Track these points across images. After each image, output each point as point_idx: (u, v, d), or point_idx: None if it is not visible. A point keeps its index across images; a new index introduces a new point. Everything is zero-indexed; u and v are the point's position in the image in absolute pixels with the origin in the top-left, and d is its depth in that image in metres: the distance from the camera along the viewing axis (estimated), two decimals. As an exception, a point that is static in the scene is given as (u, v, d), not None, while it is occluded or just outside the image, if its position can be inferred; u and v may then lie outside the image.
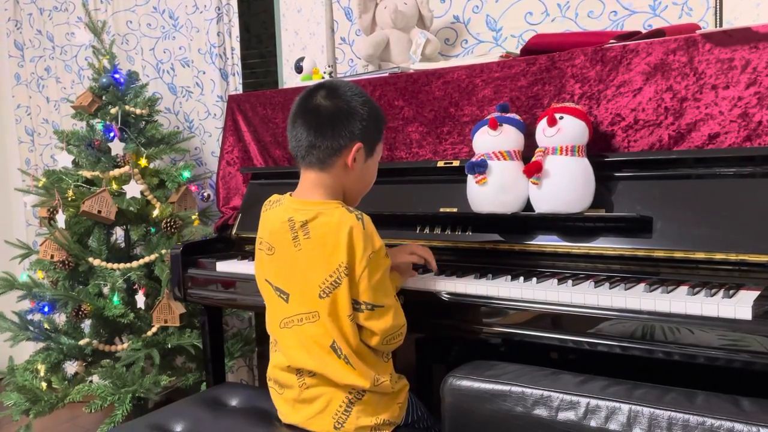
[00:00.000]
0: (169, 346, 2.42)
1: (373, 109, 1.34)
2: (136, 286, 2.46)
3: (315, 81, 2.08)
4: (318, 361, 1.27)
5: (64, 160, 2.46)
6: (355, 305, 1.26)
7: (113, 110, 2.50)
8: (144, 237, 2.53)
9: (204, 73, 2.84)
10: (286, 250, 1.30)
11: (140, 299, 2.41)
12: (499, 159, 1.48)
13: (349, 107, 1.29)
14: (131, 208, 2.42)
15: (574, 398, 1.09)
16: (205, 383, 2.20)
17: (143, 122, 2.61)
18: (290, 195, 1.35)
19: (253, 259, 1.83)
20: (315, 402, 1.29)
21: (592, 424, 1.07)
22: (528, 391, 1.14)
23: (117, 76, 2.55)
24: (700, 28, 1.53)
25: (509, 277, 1.41)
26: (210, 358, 2.02)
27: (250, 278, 1.76)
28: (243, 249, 2.04)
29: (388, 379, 1.30)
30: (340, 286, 1.24)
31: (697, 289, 1.21)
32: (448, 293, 1.41)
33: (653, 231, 1.36)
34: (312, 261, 1.26)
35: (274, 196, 1.38)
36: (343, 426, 1.27)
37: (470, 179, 1.52)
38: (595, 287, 1.29)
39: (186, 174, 2.56)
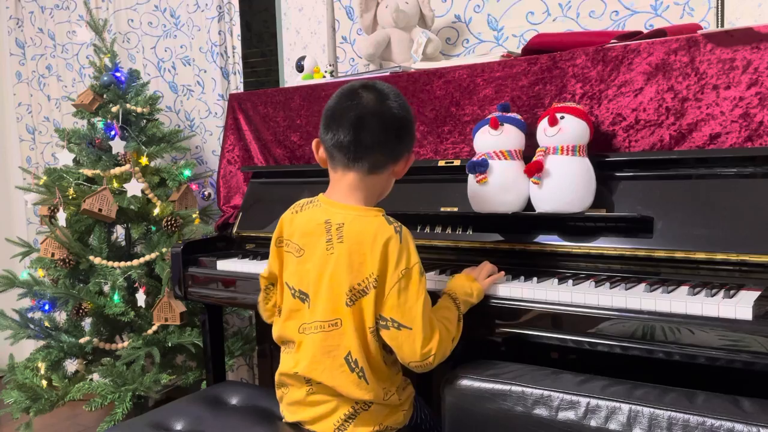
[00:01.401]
0: (170, 345, 2.42)
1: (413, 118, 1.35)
2: (137, 284, 2.46)
3: (317, 80, 2.08)
4: (328, 374, 1.24)
5: (65, 159, 2.46)
6: (381, 320, 1.22)
7: (114, 108, 2.50)
8: (145, 235, 2.54)
9: (205, 71, 2.84)
10: (317, 253, 1.26)
11: (141, 297, 2.41)
12: (500, 158, 1.48)
13: (409, 116, 1.30)
14: (132, 207, 2.42)
15: (575, 398, 1.10)
16: (205, 382, 2.20)
17: (144, 121, 2.62)
18: (323, 196, 1.32)
19: (253, 258, 1.83)
20: (319, 406, 1.28)
21: (592, 423, 1.07)
22: (528, 390, 1.14)
23: (118, 74, 2.55)
24: (701, 28, 1.53)
25: (510, 276, 1.41)
26: (210, 357, 2.02)
27: (250, 277, 1.76)
28: (243, 248, 2.04)
29: (395, 391, 1.29)
30: (366, 296, 1.21)
31: (697, 289, 1.21)
32: (449, 292, 1.41)
33: (654, 231, 1.36)
34: (342, 266, 1.22)
35: (303, 200, 1.35)
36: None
37: (471, 179, 1.52)
38: (596, 287, 1.29)
39: (187, 172, 2.56)
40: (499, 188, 1.48)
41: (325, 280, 1.24)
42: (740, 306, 1.10)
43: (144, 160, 2.47)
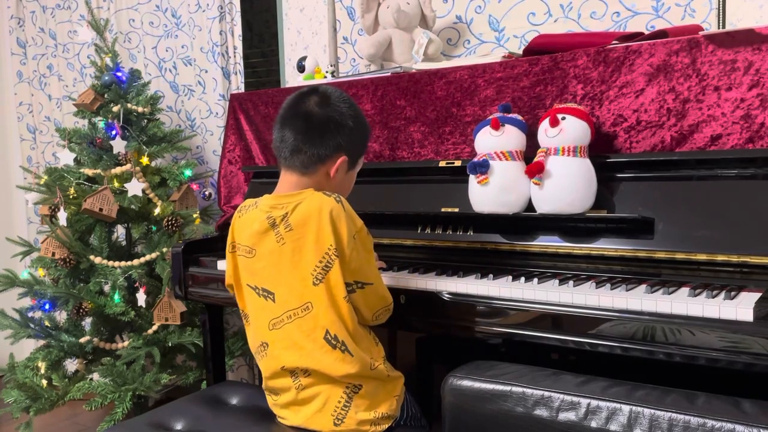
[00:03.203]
0: (170, 345, 2.42)
1: (361, 124, 1.37)
2: (137, 284, 2.47)
3: (318, 80, 2.08)
4: (310, 358, 1.26)
5: (66, 158, 2.46)
6: (348, 286, 1.27)
7: (115, 108, 2.50)
8: (145, 235, 2.54)
9: (206, 71, 2.84)
10: (268, 249, 1.30)
11: (141, 297, 2.41)
12: (500, 159, 1.48)
13: (341, 118, 1.32)
14: (132, 206, 2.42)
15: (575, 399, 1.09)
16: (205, 381, 2.20)
17: (145, 120, 2.62)
18: (267, 196, 1.35)
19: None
20: (313, 401, 1.29)
21: (593, 424, 1.07)
22: (528, 391, 1.14)
23: (119, 74, 2.55)
24: (702, 30, 1.53)
25: (510, 277, 1.41)
26: (210, 357, 2.02)
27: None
28: (244, 248, 2.04)
29: (381, 362, 1.31)
30: (332, 268, 1.25)
31: (698, 290, 1.21)
32: (450, 293, 1.41)
33: (655, 232, 1.36)
34: (299, 250, 1.26)
35: (247, 201, 1.38)
36: (343, 422, 1.27)
37: (472, 179, 1.52)
38: (597, 288, 1.29)
39: (187, 172, 2.56)
40: (500, 189, 1.48)
41: (286, 271, 1.28)
42: (741, 307, 1.10)
43: (145, 160, 2.47)
